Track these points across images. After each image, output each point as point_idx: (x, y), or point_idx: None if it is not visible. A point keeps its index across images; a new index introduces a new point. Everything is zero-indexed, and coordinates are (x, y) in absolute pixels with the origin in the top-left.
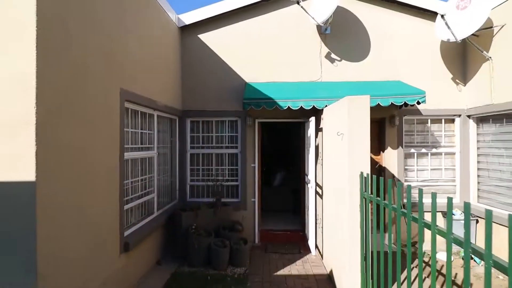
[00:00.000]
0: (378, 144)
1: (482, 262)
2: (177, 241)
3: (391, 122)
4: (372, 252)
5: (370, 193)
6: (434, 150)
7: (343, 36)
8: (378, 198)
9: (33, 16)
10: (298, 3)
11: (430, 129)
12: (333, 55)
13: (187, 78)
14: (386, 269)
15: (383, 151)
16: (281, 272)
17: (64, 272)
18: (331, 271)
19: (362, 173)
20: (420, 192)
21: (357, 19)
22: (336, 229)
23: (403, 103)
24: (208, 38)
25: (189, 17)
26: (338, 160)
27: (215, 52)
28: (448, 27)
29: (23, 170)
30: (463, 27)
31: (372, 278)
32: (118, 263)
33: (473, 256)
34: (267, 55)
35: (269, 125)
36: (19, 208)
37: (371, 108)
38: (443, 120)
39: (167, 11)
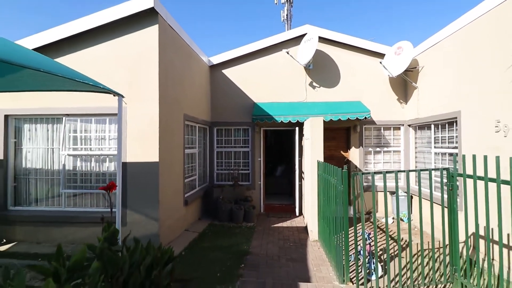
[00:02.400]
0: (346, 144)
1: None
2: (210, 206)
3: (354, 129)
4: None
5: (322, 172)
6: (385, 149)
7: (321, 70)
8: (324, 174)
9: (156, 84)
10: (287, 53)
11: (383, 134)
12: (314, 83)
13: (214, 100)
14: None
15: (349, 149)
16: (276, 225)
17: (166, 201)
18: (306, 224)
19: (318, 160)
20: (373, 175)
21: (330, 58)
22: (309, 198)
23: (355, 118)
24: (229, 72)
25: (216, 59)
26: (308, 154)
27: (233, 81)
28: (386, 68)
29: (155, 157)
30: (397, 67)
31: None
32: (183, 211)
33: (402, 218)
34: (269, 83)
35: (273, 131)
36: (153, 173)
37: (340, 121)
38: (392, 128)
39: (203, 57)
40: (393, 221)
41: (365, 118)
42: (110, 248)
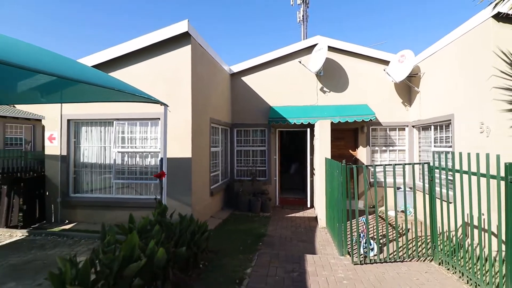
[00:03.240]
0: (354, 144)
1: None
2: (231, 198)
3: (362, 130)
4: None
5: (328, 167)
6: (391, 148)
7: (331, 76)
8: (330, 169)
9: (189, 94)
10: (300, 62)
11: (389, 135)
12: (325, 88)
13: (234, 104)
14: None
15: (357, 149)
16: (290, 215)
17: (196, 191)
18: (316, 214)
19: (326, 157)
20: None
21: (340, 65)
22: (318, 191)
23: (361, 120)
24: (247, 79)
25: (236, 68)
26: (318, 152)
27: (251, 87)
28: (389, 75)
29: (188, 153)
30: (400, 74)
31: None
32: (209, 200)
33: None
34: (283, 89)
35: (289, 132)
36: (187, 167)
37: (348, 122)
38: (397, 129)
39: (224, 67)
40: (398, 214)
41: (371, 120)
42: (162, 219)
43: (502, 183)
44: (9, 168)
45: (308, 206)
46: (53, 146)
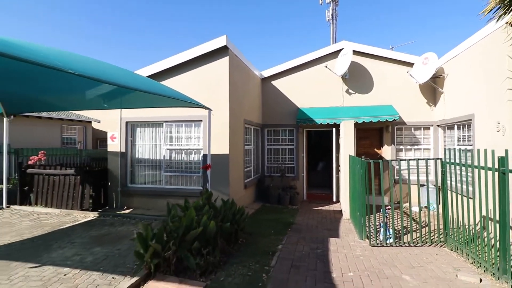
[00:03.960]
0: (379, 142)
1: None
2: (262, 192)
3: (386, 129)
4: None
5: (351, 163)
6: (416, 147)
7: (357, 78)
8: (353, 165)
9: (227, 99)
10: (326, 67)
11: (414, 134)
12: (350, 90)
13: (265, 106)
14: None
15: (382, 147)
16: (316, 208)
17: (233, 183)
18: (341, 208)
19: (349, 155)
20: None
21: (365, 68)
22: (343, 185)
23: (385, 120)
24: (277, 82)
25: (267, 73)
26: (342, 150)
27: (280, 90)
28: (412, 77)
29: (226, 150)
30: (424, 75)
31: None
32: (243, 192)
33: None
34: (310, 91)
35: (317, 132)
36: (225, 162)
37: (373, 122)
38: (422, 128)
39: (256, 72)
40: (422, 209)
41: (394, 120)
42: (209, 202)
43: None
44: (72, 164)
45: (334, 200)
46: (114, 144)
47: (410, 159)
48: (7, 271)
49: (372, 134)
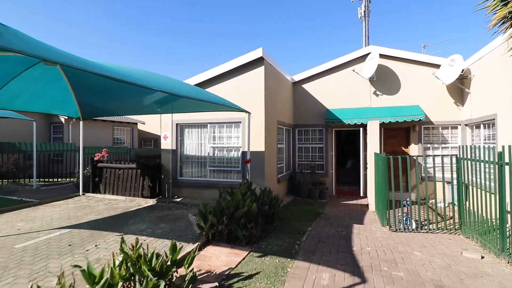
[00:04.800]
0: (406, 141)
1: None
2: (293, 187)
3: (413, 129)
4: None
5: (376, 159)
6: (443, 145)
7: (384, 80)
8: (378, 161)
9: (263, 103)
10: (354, 71)
11: (441, 133)
12: (377, 92)
13: (295, 107)
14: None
15: (409, 146)
16: (344, 202)
17: (268, 177)
18: (368, 203)
19: (375, 152)
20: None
21: (391, 70)
22: (369, 181)
23: (411, 120)
24: (307, 86)
25: (297, 77)
26: (369, 148)
27: (310, 93)
28: (438, 78)
29: (262, 148)
30: (450, 77)
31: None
32: (276, 186)
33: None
34: (339, 93)
35: (346, 131)
36: (261, 158)
37: (400, 122)
38: (449, 127)
39: (287, 77)
40: (448, 205)
41: (420, 120)
42: (250, 190)
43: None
44: (124, 160)
45: (361, 195)
46: (166, 143)
47: (427, 155)
48: (101, 237)
49: (399, 133)
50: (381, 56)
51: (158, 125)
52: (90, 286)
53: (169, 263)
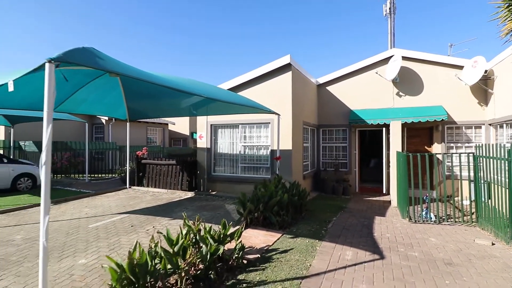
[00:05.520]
0: (429, 141)
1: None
2: (318, 184)
3: (436, 128)
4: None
5: (398, 157)
6: (466, 145)
7: (407, 81)
8: (399, 159)
9: (290, 105)
10: (377, 73)
11: (464, 132)
12: (400, 93)
13: (320, 108)
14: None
15: (432, 145)
16: (367, 198)
17: (295, 173)
18: (391, 199)
19: (397, 151)
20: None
21: (414, 72)
22: (392, 178)
23: (433, 120)
24: (331, 88)
25: (322, 79)
26: (391, 147)
27: (334, 94)
28: (460, 79)
29: (289, 146)
30: (473, 78)
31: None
32: (302, 182)
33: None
34: (362, 94)
35: (370, 131)
36: (289, 155)
37: (421, 122)
38: (473, 127)
39: (312, 80)
40: (471, 202)
41: (443, 119)
42: (280, 183)
43: None
44: (158, 157)
45: (384, 192)
46: (202, 142)
47: (445, 153)
48: (156, 221)
49: (423, 133)
50: (404, 58)
51: (187, 125)
52: (170, 247)
53: (222, 236)
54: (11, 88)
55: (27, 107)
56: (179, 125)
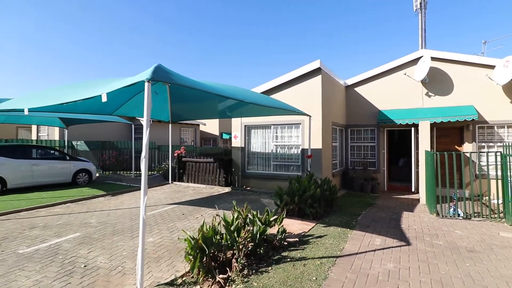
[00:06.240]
0: (459, 140)
1: None
2: (346, 182)
3: (467, 128)
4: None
5: (426, 156)
6: (499, 144)
7: (436, 82)
8: (427, 158)
9: (320, 107)
10: (405, 74)
11: (497, 132)
12: (430, 93)
13: (348, 109)
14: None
15: (463, 145)
16: (395, 196)
17: (324, 170)
18: (420, 197)
19: (425, 150)
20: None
21: (444, 72)
22: (421, 176)
23: (463, 119)
24: (359, 89)
25: (350, 81)
26: (420, 146)
27: (362, 95)
28: (491, 79)
29: (319, 145)
30: (505, 77)
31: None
32: (331, 179)
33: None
34: (391, 95)
35: (399, 131)
36: (319, 153)
37: (451, 122)
38: (506, 126)
39: (341, 82)
40: (498, 201)
41: (473, 119)
42: (312, 179)
43: None
44: (191, 156)
45: (413, 191)
46: (236, 142)
47: (473, 152)
48: (202, 211)
49: (453, 133)
50: (433, 59)
51: (217, 126)
52: (226, 229)
53: (267, 220)
54: (104, 99)
55: (88, 111)
56: (209, 126)
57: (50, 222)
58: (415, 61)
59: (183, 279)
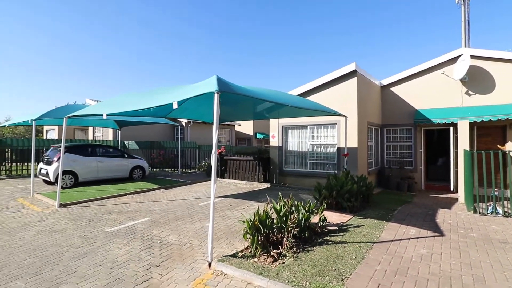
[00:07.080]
0: (502, 139)
1: None
2: (382, 180)
3: (510, 127)
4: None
5: (465, 155)
6: None
7: (476, 80)
8: (465, 157)
9: (355, 108)
10: (443, 73)
11: None
12: (469, 92)
13: (384, 109)
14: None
15: (506, 144)
16: (433, 195)
17: (360, 168)
18: (458, 196)
19: (464, 149)
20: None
21: (485, 70)
22: (460, 176)
23: (505, 118)
24: (395, 89)
25: (385, 81)
26: (459, 145)
27: (398, 95)
28: None
29: (355, 144)
30: None
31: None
32: (368, 176)
33: None
34: (428, 94)
35: (438, 130)
36: (355, 152)
37: (491, 121)
38: None
39: (376, 82)
40: None
41: None
42: (348, 176)
43: None
44: (227, 155)
45: (452, 190)
46: (274, 141)
47: (510, 151)
48: (246, 203)
49: (495, 132)
50: (473, 57)
51: (251, 126)
52: (276, 213)
53: (310, 209)
54: (175, 106)
55: (148, 114)
56: (244, 126)
57: (122, 209)
58: (453, 60)
59: (243, 253)
